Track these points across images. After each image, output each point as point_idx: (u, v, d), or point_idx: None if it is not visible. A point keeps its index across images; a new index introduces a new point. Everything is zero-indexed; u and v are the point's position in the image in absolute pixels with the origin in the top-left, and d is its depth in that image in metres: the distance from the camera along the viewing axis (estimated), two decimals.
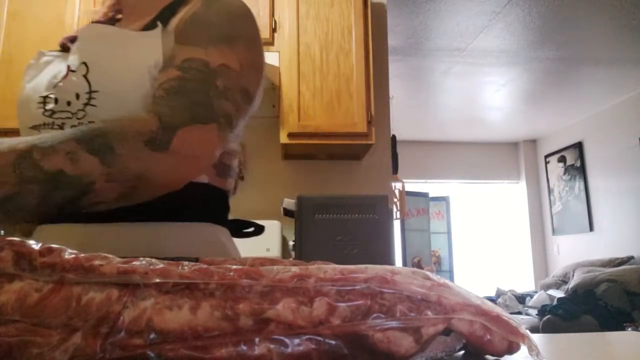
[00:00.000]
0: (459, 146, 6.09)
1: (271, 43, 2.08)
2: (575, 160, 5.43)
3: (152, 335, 0.33)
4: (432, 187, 5.81)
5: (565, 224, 5.58)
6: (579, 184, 5.35)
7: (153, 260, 0.37)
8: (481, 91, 4.59)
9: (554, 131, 5.76)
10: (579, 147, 5.37)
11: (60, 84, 0.66)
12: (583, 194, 5.27)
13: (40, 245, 0.36)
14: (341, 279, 0.37)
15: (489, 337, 0.39)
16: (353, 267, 0.39)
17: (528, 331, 0.40)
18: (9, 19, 2.03)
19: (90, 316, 0.33)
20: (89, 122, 0.63)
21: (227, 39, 0.64)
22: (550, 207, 5.85)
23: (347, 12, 2.16)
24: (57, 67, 0.69)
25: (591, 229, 5.15)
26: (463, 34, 3.45)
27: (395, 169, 2.58)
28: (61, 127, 0.65)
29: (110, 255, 0.36)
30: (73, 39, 0.73)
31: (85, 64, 0.64)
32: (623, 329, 3.47)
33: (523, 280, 5.83)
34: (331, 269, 0.38)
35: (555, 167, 5.78)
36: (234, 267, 0.37)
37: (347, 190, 2.38)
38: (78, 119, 0.64)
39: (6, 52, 2.00)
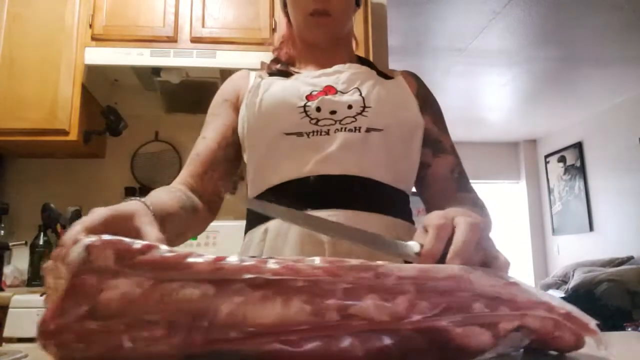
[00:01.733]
0: (458, 146, 5.94)
1: (271, 43, 2.07)
2: (575, 160, 5.43)
3: (247, 329, 0.35)
4: None
5: (565, 224, 5.58)
6: (579, 184, 5.35)
7: (243, 257, 0.38)
8: (481, 91, 4.58)
9: (554, 131, 5.76)
10: (579, 147, 5.36)
11: (327, 97, 0.81)
12: (583, 194, 5.27)
13: (139, 243, 0.37)
14: (419, 277, 0.39)
15: (558, 333, 0.40)
16: (430, 266, 0.41)
17: (597, 327, 0.41)
18: (9, 21, 2.04)
19: (189, 310, 0.35)
20: (356, 127, 0.78)
21: None
22: (550, 207, 5.85)
23: None
24: (293, 84, 0.84)
25: (591, 229, 5.15)
26: (463, 34, 3.45)
27: None
28: (327, 132, 0.78)
29: (203, 253, 0.38)
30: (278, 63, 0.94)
31: (358, 88, 0.83)
32: (623, 329, 3.46)
33: (523, 280, 5.82)
34: (410, 267, 0.40)
35: (555, 167, 5.78)
36: (318, 264, 0.38)
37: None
38: (342, 124, 0.79)
39: (7, 54, 2.00)
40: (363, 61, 0.98)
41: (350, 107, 0.80)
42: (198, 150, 0.85)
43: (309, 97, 0.81)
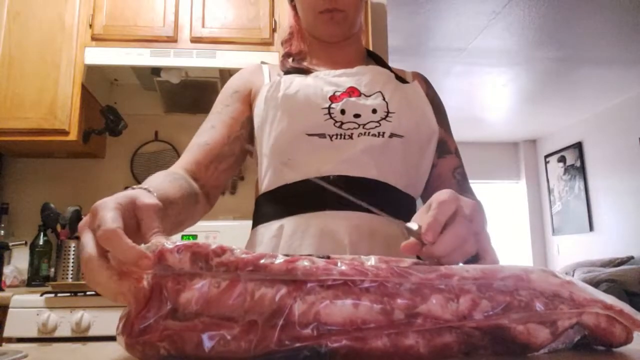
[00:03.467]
0: (458, 146, 6.08)
1: (271, 43, 2.08)
2: (575, 160, 5.43)
3: (319, 327, 0.37)
4: None
5: (565, 224, 5.58)
6: (579, 184, 5.35)
7: (314, 258, 0.40)
8: (481, 91, 4.59)
9: (554, 131, 5.76)
10: (578, 147, 5.37)
11: (352, 99, 0.81)
12: (583, 194, 5.27)
13: (214, 245, 0.39)
14: (481, 277, 0.41)
15: (612, 329, 0.42)
16: (491, 267, 0.43)
17: None
18: (9, 20, 2.03)
19: (265, 309, 0.37)
20: (380, 132, 0.79)
21: None
22: (550, 207, 5.85)
23: None
24: (315, 83, 0.84)
25: (591, 229, 5.15)
26: (463, 34, 3.45)
27: None
28: (350, 137, 0.78)
29: (275, 254, 0.40)
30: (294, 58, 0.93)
31: (381, 92, 0.83)
32: None
33: None
34: (472, 268, 0.42)
35: (555, 167, 5.78)
36: (383, 265, 0.41)
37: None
38: (365, 129, 0.79)
39: (6, 53, 2.00)
40: (375, 57, 0.98)
41: (374, 111, 0.81)
42: (206, 139, 0.84)
43: (332, 98, 0.81)
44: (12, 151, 2.22)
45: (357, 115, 0.80)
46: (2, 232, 2.15)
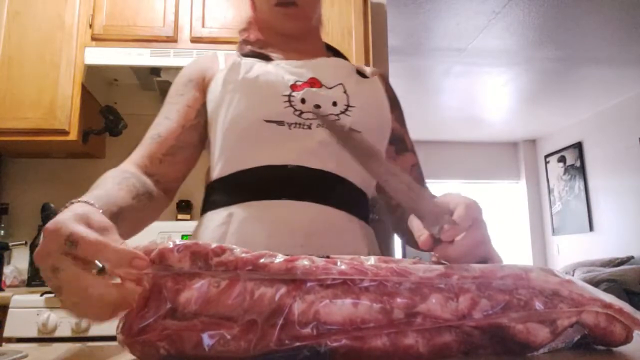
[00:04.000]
0: (459, 146, 6.09)
1: None
2: (575, 160, 5.43)
3: (319, 327, 0.37)
4: (432, 187, 5.79)
5: (565, 224, 5.58)
6: (579, 184, 5.34)
7: (314, 257, 0.40)
8: (481, 91, 4.58)
9: (554, 131, 5.76)
10: (578, 147, 5.36)
11: (313, 90, 0.80)
12: (583, 194, 5.27)
13: (214, 245, 0.40)
14: (481, 276, 0.41)
15: (611, 328, 0.42)
16: (491, 266, 0.43)
17: None
18: (9, 20, 2.03)
19: (264, 309, 0.37)
20: (340, 125, 0.77)
21: None
22: (550, 207, 5.85)
23: (347, 12, 2.17)
24: (276, 70, 0.82)
25: (591, 229, 5.15)
26: (463, 34, 3.45)
27: None
28: (309, 127, 0.77)
29: (275, 253, 0.40)
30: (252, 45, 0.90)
31: (342, 84, 0.82)
32: None
33: None
34: (471, 267, 0.42)
35: (555, 167, 5.78)
36: (383, 265, 0.41)
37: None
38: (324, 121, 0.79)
39: (6, 53, 2.00)
40: (334, 51, 0.98)
41: (335, 104, 0.80)
42: (159, 131, 0.80)
43: (293, 86, 0.80)
44: (11, 151, 2.22)
45: (317, 106, 0.79)
46: (2, 232, 2.15)
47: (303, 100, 0.78)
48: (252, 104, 0.78)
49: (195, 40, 2.05)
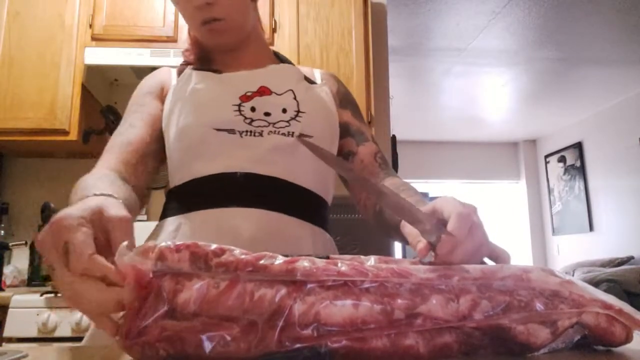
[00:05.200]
0: (459, 146, 6.09)
1: (271, 43, 2.08)
2: (575, 160, 5.43)
3: (319, 328, 0.37)
4: (432, 187, 5.80)
5: (565, 224, 5.58)
6: (579, 184, 5.35)
7: (315, 258, 0.40)
8: (481, 91, 4.58)
9: (554, 131, 5.76)
10: (579, 147, 5.37)
11: (262, 98, 0.81)
12: (583, 194, 5.27)
13: (214, 246, 0.39)
14: (481, 277, 0.41)
15: (612, 328, 0.42)
16: (491, 267, 0.43)
17: None
18: (9, 20, 2.04)
19: (265, 310, 0.37)
20: (289, 132, 0.79)
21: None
22: (550, 207, 5.85)
23: (347, 12, 2.17)
24: (226, 80, 0.83)
25: (591, 229, 5.15)
26: (463, 34, 3.45)
27: (395, 169, 2.58)
28: (261, 134, 0.78)
29: (275, 254, 0.40)
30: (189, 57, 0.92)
31: (292, 90, 0.84)
32: None
33: None
34: (472, 268, 0.42)
35: (555, 167, 5.78)
36: (384, 266, 0.41)
37: (347, 190, 2.38)
38: (275, 128, 0.79)
39: (6, 53, 2.00)
40: (280, 57, 0.97)
41: (285, 110, 0.81)
42: (129, 139, 0.80)
43: (242, 97, 0.81)
44: (12, 151, 2.22)
45: (267, 114, 0.79)
46: (2, 232, 2.15)
47: (253, 109, 0.79)
48: (202, 113, 0.79)
49: None
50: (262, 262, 0.39)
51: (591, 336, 0.43)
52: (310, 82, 0.90)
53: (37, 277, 2.03)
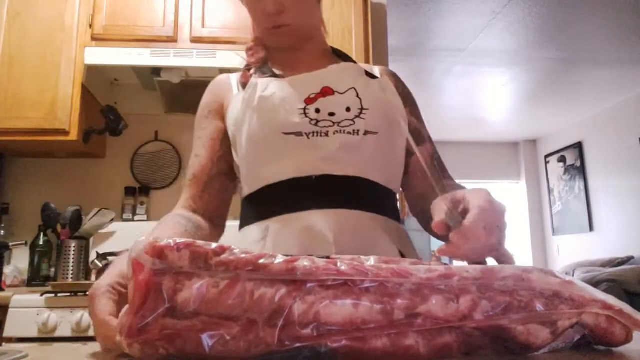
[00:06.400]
0: (459, 146, 6.09)
1: None
2: (575, 160, 5.43)
3: (319, 327, 0.37)
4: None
5: (565, 224, 5.58)
6: (579, 184, 5.35)
7: (315, 258, 0.40)
8: (481, 91, 4.59)
9: (554, 131, 5.76)
10: (579, 147, 5.37)
11: (326, 98, 0.82)
12: (583, 194, 5.27)
13: (214, 245, 0.39)
14: (481, 277, 0.41)
15: (612, 329, 0.42)
16: (491, 267, 0.43)
17: None
18: (9, 20, 2.04)
19: (265, 309, 0.37)
20: (355, 130, 0.80)
21: None
22: (550, 207, 5.85)
23: (347, 12, 2.17)
24: (290, 85, 0.84)
25: (591, 229, 5.15)
26: (463, 34, 3.45)
27: None
28: (326, 134, 0.80)
29: (275, 254, 0.40)
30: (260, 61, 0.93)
31: (354, 88, 0.84)
32: None
33: None
34: (472, 268, 0.42)
35: (555, 167, 5.78)
36: (384, 265, 0.41)
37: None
38: (340, 127, 0.80)
39: (7, 53, 2.00)
40: (341, 54, 0.99)
41: (348, 109, 0.82)
42: (194, 171, 0.87)
43: (307, 100, 0.82)
44: (12, 151, 2.22)
45: (331, 114, 0.81)
46: (2, 232, 2.15)
47: (317, 110, 0.81)
48: (270, 118, 0.81)
49: (195, 40, 2.05)
50: (262, 261, 0.39)
51: (591, 336, 0.43)
52: (372, 76, 0.91)
53: (37, 277, 2.03)
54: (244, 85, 0.88)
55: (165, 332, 0.37)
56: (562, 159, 5.66)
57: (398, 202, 0.90)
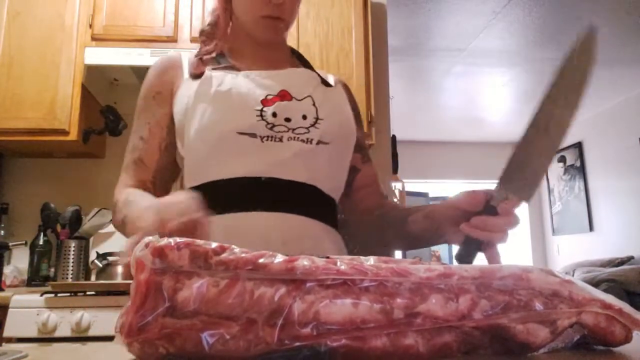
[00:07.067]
0: (459, 146, 6.09)
1: None
2: (575, 160, 5.43)
3: (318, 327, 0.37)
4: (432, 187, 5.80)
5: (565, 224, 5.58)
6: (579, 184, 5.35)
7: (314, 258, 0.40)
8: (481, 91, 4.59)
9: None
10: (578, 147, 5.37)
11: (283, 103, 0.82)
12: (583, 194, 5.27)
13: (214, 244, 0.39)
14: (481, 276, 0.41)
15: (611, 328, 0.42)
16: (490, 266, 0.43)
17: None
18: (9, 20, 2.03)
19: (264, 309, 0.37)
20: (308, 139, 0.81)
21: None
22: (550, 207, 5.85)
23: (347, 12, 2.17)
24: (247, 84, 0.83)
25: (591, 229, 5.15)
26: (463, 34, 3.45)
27: (395, 169, 2.59)
28: (280, 139, 0.80)
29: (276, 253, 0.40)
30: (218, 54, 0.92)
31: (311, 97, 0.85)
32: None
33: None
34: (471, 268, 0.42)
35: (555, 167, 5.78)
36: (383, 265, 0.41)
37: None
38: (295, 134, 0.81)
39: (6, 53, 2.00)
40: (299, 56, 0.99)
41: (304, 117, 0.83)
42: (140, 156, 0.86)
43: (264, 101, 0.82)
44: (12, 151, 2.22)
45: (287, 120, 0.81)
46: (2, 232, 2.15)
47: (274, 114, 0.81)
48: (225, 116, 0.80)
49: (195, 40, 2.05)
50: (261, 260, 0.39)
51: (591, 336, 0.43)
52: (327, 84, 0.92)
53: (36, 277, 2.03)
54: (196, 76, 0.86)
55: (165, 331, 0.37)
56: (562, 159, 5.66)
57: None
